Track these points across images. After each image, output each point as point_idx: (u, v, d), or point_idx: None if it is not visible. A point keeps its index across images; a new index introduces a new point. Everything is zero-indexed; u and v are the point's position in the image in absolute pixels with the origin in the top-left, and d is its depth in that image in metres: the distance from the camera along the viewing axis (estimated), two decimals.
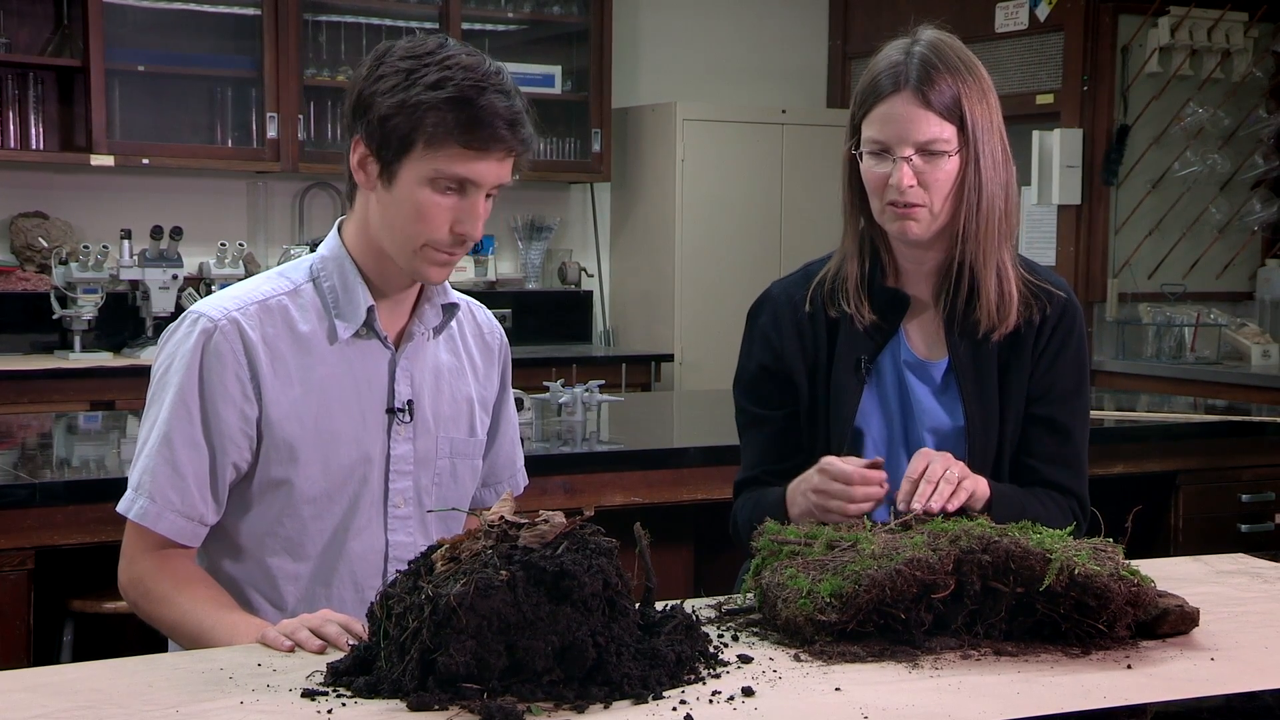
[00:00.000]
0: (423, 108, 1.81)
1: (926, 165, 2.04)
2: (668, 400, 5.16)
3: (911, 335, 2.16)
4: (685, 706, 1.44)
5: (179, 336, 1.91)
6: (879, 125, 2.05)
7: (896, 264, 2.16)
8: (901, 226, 2.07)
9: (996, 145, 2.08)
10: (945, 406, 2.13)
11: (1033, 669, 1.59)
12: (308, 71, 5.68)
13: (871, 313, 2.13)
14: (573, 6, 6.25)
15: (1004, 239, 2.10)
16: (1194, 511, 3.66)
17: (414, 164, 1.83)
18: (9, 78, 5.31)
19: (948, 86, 2.03)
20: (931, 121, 2.02)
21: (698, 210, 6.19)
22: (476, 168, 1.83)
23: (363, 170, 1.89)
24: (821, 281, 2.17)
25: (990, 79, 2.10)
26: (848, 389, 2.13)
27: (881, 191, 2.06)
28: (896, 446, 2.14)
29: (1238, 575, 2.07)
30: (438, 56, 1.84)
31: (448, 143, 1.81)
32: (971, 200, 2.06)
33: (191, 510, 1.88)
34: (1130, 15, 5.87)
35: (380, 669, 1.49)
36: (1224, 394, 5.07)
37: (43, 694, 1.48)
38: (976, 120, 2.05)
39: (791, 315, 2.18)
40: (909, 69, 2.04)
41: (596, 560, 1.49)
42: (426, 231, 1.86)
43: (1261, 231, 6.15)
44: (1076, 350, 2.16)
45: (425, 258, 1.88)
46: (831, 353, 2.15)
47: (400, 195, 1.86)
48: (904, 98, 2.03)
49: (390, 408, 1.97)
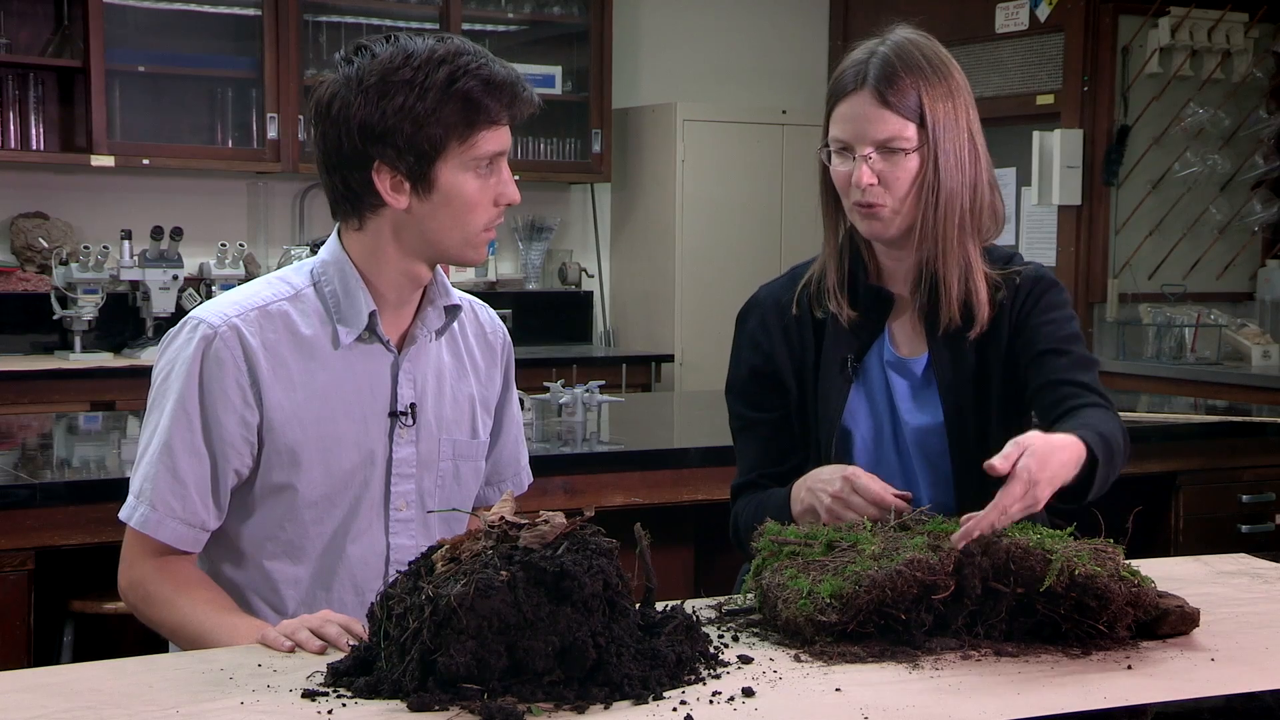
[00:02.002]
0: (445, 106, 1.82)
1: (886, 164, 2.04)
2: (668, 401, 5.16)
3: (895, 333, 2.16)
4: (685, 707, 1.44)
5: (179, 343, 1.91)
6: (840, 124, 2.07)
7: (878, 262, 2.17)
8: (868, 226, 2.08)
9: (963, 143, 2.07)
10: (926, 403, 2.13)
11: (1033, 669, 1.59)
12: (308, 72, 5.68)
13: (854, 312, 2.13)
14: (573, 7, 6.25)
15: (968, 237, 2.09)
16: (1194, 512, 3.66)
17: (449, 160, 1.85)
18: (9, 78, 5.31)
19: (908, 85, 2.03)
20: (889, 120, 2.03)
21: (698, 211, 6.20)
22: (503, 137, 1.88)
23: (395, 194, 1.87)
24: (807, 284, 2.18)
25: (964, 79, 2.10)
26: (835, 389, 2.14)
27: (847, 190, 2.08)
28: (885, 445, 2.15)
29: (1238, 576, 2.07)
30: (424, 57, 1.84)
31: (479, 127, 1.84)
32: (929, 199, 2.06)
33: (193, 517, 1.88)
34: (1130, 16, 5.87)
35: (380, 669, 1.49)
36: (1224, 394, 5.06)
37: (43, 694, 1.48)
38: (938, 119, 2.04)
39: (778, 318, 2.18)
40: (869, 67, 2.05)
41: (597, 561, 1.49)
42: (479, 217, 1.89)
43: (1262, 232, 6.15)
44: (1049, 305, 2.12)
45: (481, 241, 1.92)
46: (819, 354, 2.16)
47: (446, 195, 1.87)
48: (863, 96, 2.04)
49: (393, 411, 1.97)
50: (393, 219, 1.90)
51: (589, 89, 6.19)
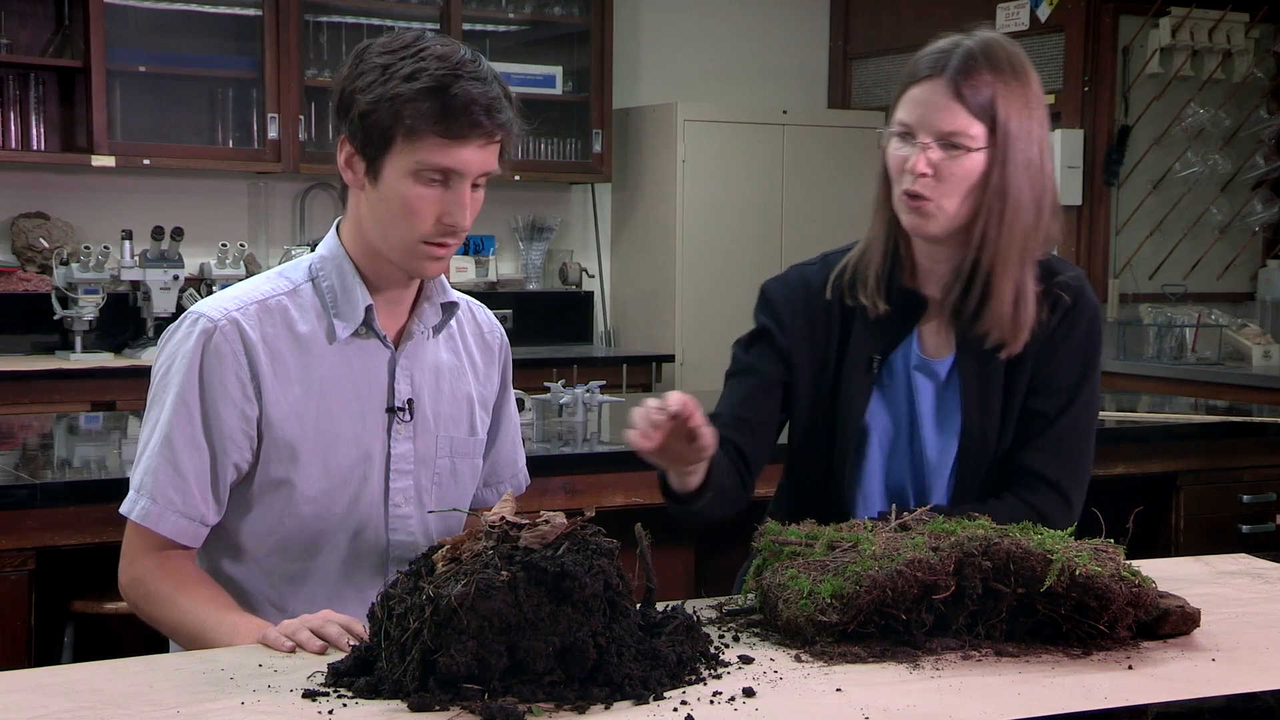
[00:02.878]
0: (399, 100, 1.81)
1: (945, 158, 1.99)
2: None
3: (922, 334, 2.13)
4: (686, 707, 1.44)
5: (179, 337, 1.91)
6: (908, 107, 2.01)
7: (914, 259, 2.12)
8: (912, 220, 2.03)
9: (1034, 156, 2.01)
10: (946, 406, 2.11)
11: (1034, 670, 1.59)
12: (308, 72, 5.68)
13: (888, 308, 2.10)
14: (574, 7, 6.25)
15: (1026, 255, 2.04)
16: (1195, 512, 3.66)
17: (396, 158, 1.83)
18: (10, 78, 5.31)
19: (985, 84, 1.98)
20: (958, 113, 1.98)
21: (698, 211, 6.19)
22: (458, 156, 1.82)
23: (350, 169, 1.89)
24: (843, 270, 2.14)
25: (1041, 91, 2.04)
26: (858, 389, 2.11)
27: (899, 176, 2.03)
28: (901, 445, 2.13)
29: (1239, 576, 2.07)
30: (413, 50, 1.84)
31: (426, 134, 1.81)
32: (994, 205, 2.00)
33: (193, 511, 1.88)
34: (1131, 16, 5.87)
35: (381, 669, 1.49)
36: (1225, 395, 5.06)
37: (43, 694, 1.48)
38: (1011, 125, 1.99)
39: (805, 303, 2.15)
40: (951, 57, 1.99)
41: (597, 561, 1.49)
42: (415, 225, 1.85)
43: (1262, 232, 6.15)
44: (1081, 344, 2.10)
45: (418, 253, 1.88)
46: (842, 346, 2.13)
47: (386, 191, 1.85)
48: (937, 84, 1.99)
49: (390, 407, 1.97)
50: (357, 201, 1.92)
51: (589, 89, 6.19)
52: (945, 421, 2.11)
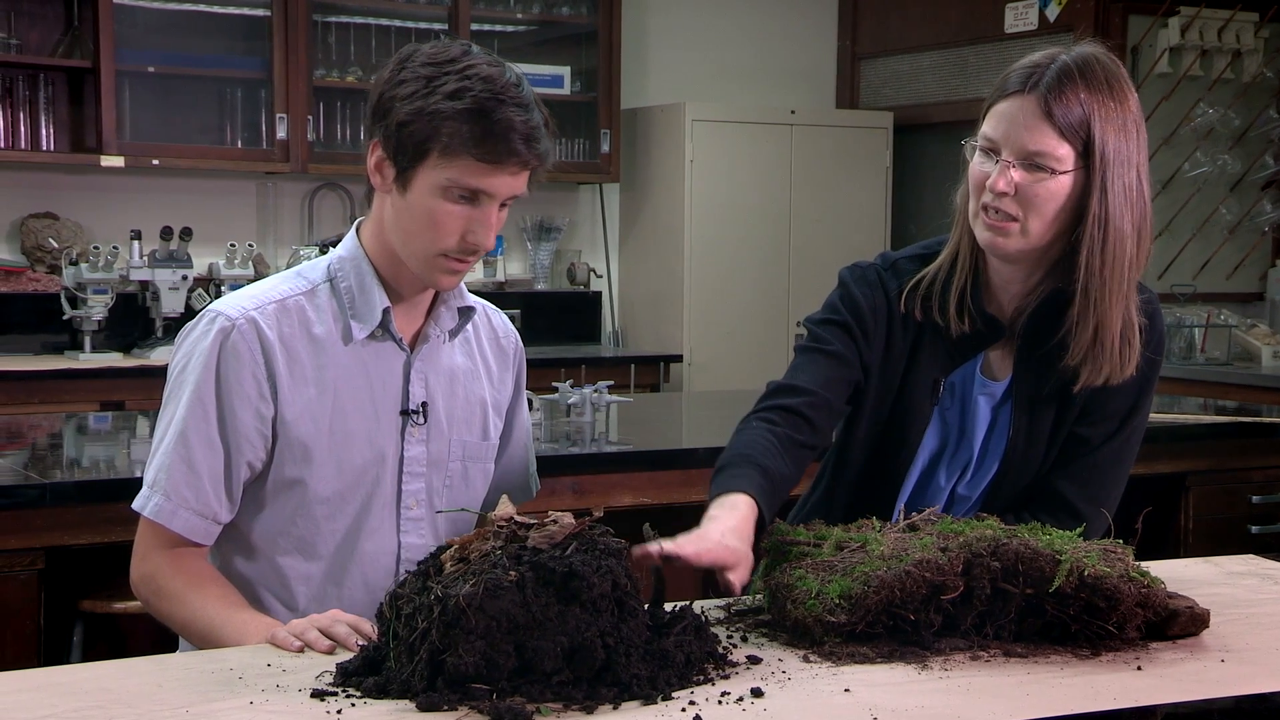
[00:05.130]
0: (440, 117, 1.80)
1: (1029, 179, 1.89)
2: (677, 401, 5.16)
3: (988, 356, 2.06)
4: (694, 707, 1.44)
5: (196, 334, 1.92)
6: (994, 121, 1.92)
7: (987, 276, 2.03)
8: (989, 239, 1.94)
9: (1133, 182, 1.90)
10: (997, 426, 2.06)
11: (1042, 670, 1.59)
12: (317, 72, 5.69)
13: (963, 328, 2.02)
14: (581, 7, 6.25)
15: (1131, 286, 1.94)
16: (1204, 513, 3.65)
17: (429, 172, 1.83)
18: (20, 79, 5.32)
19: (1078, 103, 1.87)
20: (1046, 134, 1.87)
21: (706, 211, 6.19)
22: (491, 180, 1.82)
23: (379, 174, 1.89)
24: (918, 283, 2.05)
25: (1140, 112, 1.93)
26: (919, 411, 2.05)
27: (979, 192, 1.94)
28: (940, 461, 2.09)
29: (1248, 577, 2.06)
30: (459, 65, 1.83)
31: (462, 154, 1.80)
32: (1096, 234, 1.89)
33: (206, 508, 1.89)
34: (1140, 16, 5.86)
35: (389, 669, 1.49)
36: (1234, 395, 5.05)
37: (52, 694, 1.48)
38: (1109, 150, 1.88)
39: (886, 309, 2.06)
40: (1045, 73, 1.89)
41: (605, 561, 1.49)
42: (438, 240, 1.85)
43: (1272, 232, 6.15)
44: (1142, 369, 2.01)
45: (437, 265, 1.88)
46: (909, 364, 2.06)
47: (414, 202, 1.85)
48: (1027, 101, 1.88)
49: (404, 409, 1.97)
50: (381, 204, 1.92)
51: (597, 89, 6.19)
52: (991, 444, 2.07)
